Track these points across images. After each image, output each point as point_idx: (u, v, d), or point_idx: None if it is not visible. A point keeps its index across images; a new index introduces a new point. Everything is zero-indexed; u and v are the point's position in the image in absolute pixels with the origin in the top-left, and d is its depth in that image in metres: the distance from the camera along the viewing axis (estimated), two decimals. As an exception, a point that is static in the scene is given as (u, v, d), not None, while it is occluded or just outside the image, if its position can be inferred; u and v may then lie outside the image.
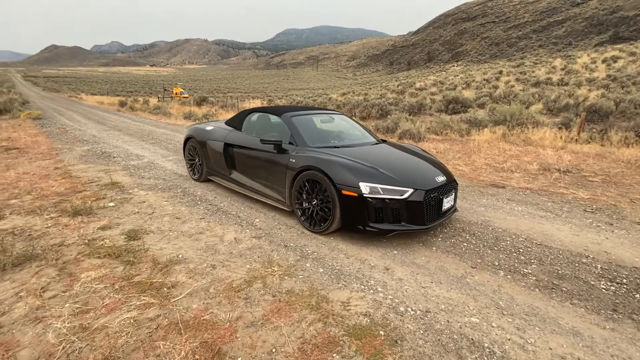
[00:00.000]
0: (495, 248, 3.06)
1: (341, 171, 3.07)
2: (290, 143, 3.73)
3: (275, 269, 2.63)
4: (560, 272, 2.66)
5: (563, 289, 2.44)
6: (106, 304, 2.13)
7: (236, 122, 4.65)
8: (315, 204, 3.27)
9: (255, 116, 4.53)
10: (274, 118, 4.23)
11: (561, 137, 8.61)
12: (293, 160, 3.46)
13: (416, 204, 2.99)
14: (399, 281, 2.51)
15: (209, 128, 4.96)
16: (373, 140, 4.28)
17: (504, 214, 3.94)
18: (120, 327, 1.93)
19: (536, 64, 36.51)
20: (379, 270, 2.67)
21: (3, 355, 1.69)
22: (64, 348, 1.76)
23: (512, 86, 22.40)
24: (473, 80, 28.69)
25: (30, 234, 3.17)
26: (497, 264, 2.79)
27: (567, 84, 21.56)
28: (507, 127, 10.36)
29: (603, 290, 2.41)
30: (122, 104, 24.44)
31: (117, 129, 11.95)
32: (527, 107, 14.18)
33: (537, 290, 2.43)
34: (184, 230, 3.34)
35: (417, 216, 3.02)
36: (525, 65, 36.01)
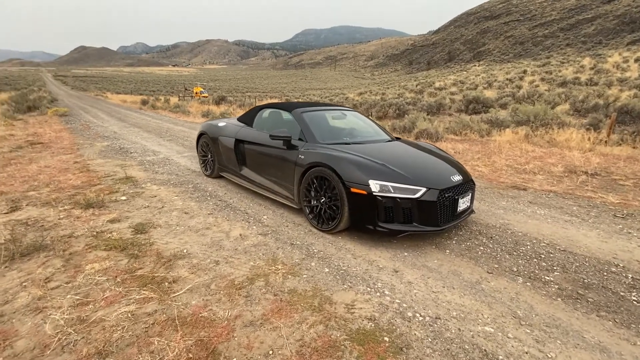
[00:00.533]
0: (514, 253, 2.86)
1: (350, 168, 2.96)
2: (300, 139, 3.65)
3: (279, 267, 2.54)
4: (586, 280, 2.45)
5: (589, 299, 2.23)
6: (106, 297, 2.11)
7: (248, 119, 4.61)
8: (323, 201, 3.17)
9: (266, 112, 4.48)
10: (285, 114, 4.16)
11: (589, 139, 8.14)
12: (302, 157, 3.38)
13: (429, 204, 2.83)
14: (408, 284, 2.37)
15: (221, 124, 4.95)
16: (386, 137, 4.14)
17: (524, 217, 3.71)
18: (117, 320, 1.89)
19: (563, 63, 34.95)
20: (387, 272, 2.54)
21: (0, 344, 1.68)
22: (59, 340, 1.74)
23: (537, 86, 21.51)
24: (495, 80, 27.78)
25: (42, 225, 3.23)
26: (515, 269, 2.60)
27: (596, 84, 20.50)
28: (530, 128, 9.92)
29: (634, 302, 2.19)
30: (144, 103, 25.13)
31: (137, 126, 12.25)
32: (552, 108, 13.56)
33: (559, 299, 2.23)
34: (191, 225, 3.32)
35: (430, 217, 2.87)
36: (552, 65, 34.53)
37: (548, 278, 2.48)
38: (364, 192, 2.82)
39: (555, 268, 2.62)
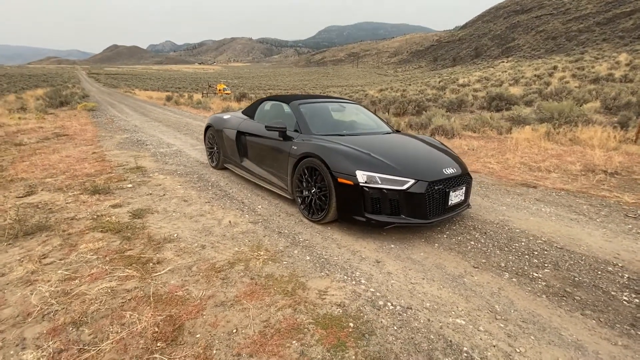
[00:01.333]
0: (506, 249, 2.76)
1: (339, 158, 2.95)
2: (295, 130, 3.67)
3: (262, 253, 2.59)
4: (577, 279, 2.33)
5: (576, 297, 2.12)
6: (92, 273, 2.23)
7: (250, 111, 4.69)
8: (314, 192, 3.18)
9: (268, 105, 4.53)
10: (285, 106, 4.19)
11: (615, 137, 7.66)
12: (295, 147, 3.40)
13: (417, 196, 2.78)
14: (387, 275, 2.35)
15: (226, 117, 5.06)
16: (385, 130, 4.08)
17: (527, 215, 3.56)
18: (97, 295, 2.00)
19: (597, 59, 32.88)
20: (368, 262, 2.52)
21: (-11, 310, 1.83)
22: (41, 310, 1.86)
23: (567, 82, 20.41)
24: (522, 77, 26.58)
25: (50, 208, 3.44)
26: (503, 265, 2.51)
27: (631, 81, 19.16)
28: (552, 125, 9.45)
29: (624, 302, 2.06)
30: (168, 99, 26.00)
31: (158, 120, 12.71)
32: (581, 105, 12.83)
33: (544, 296, 2.14)
34: (187, 212, 3.43)
35: (419, 209, 2.81)
36: (585, 61, 32.57)
37: (536, 275, 2.38)
38: (351, 183, 2.81)
39: (546, 265, 2.51)
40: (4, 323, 1.76)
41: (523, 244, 2.85)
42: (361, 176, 2.79)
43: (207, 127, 5.38)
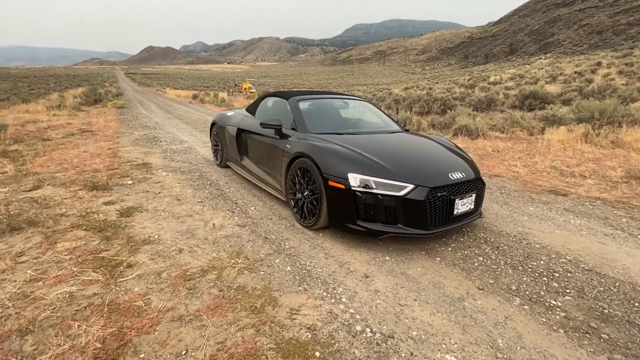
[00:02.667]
0: (520, 268, 2.37)
1: (331, 159, 2.68)
2: (293, 128, 3.44)
3: (240, 261, 2.38)
4: (606, 311, 1.92)
5: (603, 335, 1.73)
6: (58, 275, 2.12)
7: (253, 108, 4.52)
8: (306, 195, 2.94)
9: (270, 101, 4.33)
10: (285, 103, 3.97)
11: (667, 139, 6.79)
12: (289, 146, 3.17)
13: (417, 204, 2.46)
14: (373, 293, 2.06)
15: (229, 114, 4.93)
16: (392, 129, 3.76)
17: (551, 227, 3.12)
18: (53, 300, 1.88)
19: (650, 54, 30.02)
20: (356, 276, 2.24)
21: (-61, 311, 1.74)
22: (-7, 313, 1.76)
23: (612, 79, 18.74)
24: (561, 74, 24.76)
25: (47, 203, 3.44)
26: (514, 288, 2.14)
27: (691, 77, 17.24)
28: (592, 126, 8.58)
29: (666, 347, 1.65)
30: (194, 97, 26.71)
31: (179, 117, 12.97)
32: (627, 104, 11.65)
33: (561, 331, 1.77)
34: (176, 211, 3.30)
35: (418, 218, 2.49)
36: (634, 56, 29.83)
37: (554, 303, 1.99)
38: (343, 187, 2.54)
39: (568, 291, 2.11)
40: (-51, 327, 1.67)
41: (542, 262, 2.45)
42: (353, 179, 2.51)
43: (213, 124, 5.29)
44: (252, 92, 40.87)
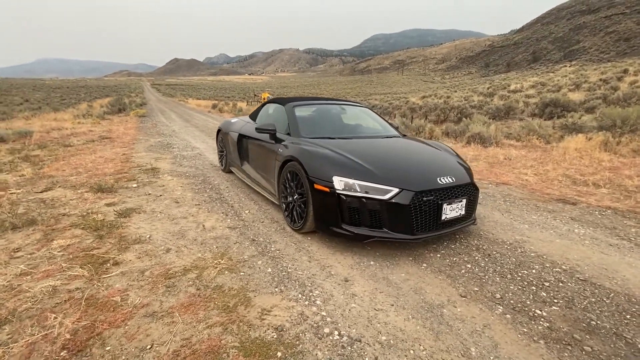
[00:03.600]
0: (509, 276, 2.27)
1: (317, 163, 2.69)
2: (288, 133, 3.48)
3: (223, 261, 2.40)
4: (593, 322, 1.80)
5: (586, 347, 1.62)
6: (47, 270, 2.21)
7: (255, 114, 4.61)
8: (296, 198, 2.95)
9: (271, 108, 4.41)
10: (283, 108, 4.04)
11: (694, 148, 6.39)
12: (281, 150, 3.21)
13: (401, 208, 2.41)
14: (349, 297, 2.03)
15: (233, 120, 5.05)
16: (388, 134, 3.73)
17: (552, 236, 2.98)
18: (36, 293, 1.96)
19: (685, 59, 28.42)
20: (335, 280, 2.21)
21: None
22: (-21, 303, 1.86)
23: (639, 87, 17.89)
24: (585, 81, 23.84)
25: (53, 204, 3.61)
26: (499, 296, 2.05)
27: None
28: (612, 134, 8.19)
29: (653, 363, 1.52)
30: (213, 107, 27.50)
31: (195, 126, 13.37)
32: (654, 111, 11.04)
33: (541, 342, 1.67)
34: (172, 213, 3.38)
35: (403, 223, 2.44)
36: (666, 62, 28.37)
37: (539, 313, 1.89)
38: (327, 190, 2.53)
39: (556, 301, 2.00)
40: (-63, 315, 1.77)
41: (534, 271, 2.34)
42: (338, 182, 2.51)
43: (218, 131, 5.42)
44: (269, 102, 41.59)
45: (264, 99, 50.85)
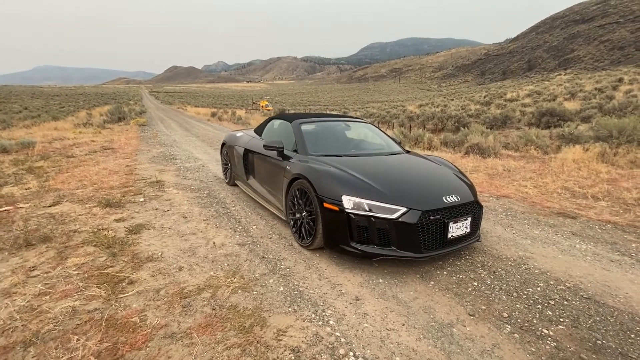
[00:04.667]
0: (515, 294, 2.34)
1: (326, 181, 2.77)
2: (294, 150, 3.57)
3: (235, 280, 2.46)
4: (599, 342, 1.87)
5: (592, 368, 1.69)
6: (65, 290, 2.26)
7: (260, 129, 4.70)
8: (304, 215, 3.02)
9: (276, 123, 4.50)
10: (289, 125, 4.13)
11: (689, 160, 6.53)
12: (289, 168, 3.28)
13: (409, 227, 2.49)
14: (361, 316, 2.08)
15: (238, 134, 5.13)
16: (392, 150, 3.82)
17: (555, 252, 3.05)
18: (57, 314, 2.00)
19: (677, 69, 28.99)
20: (346, 299, 2.27)
21: (-45, 322, 1.90)
22: (4, 324, 1.90)
23: (634, 96, 18.20)
24: (580, 90, 24.23)
25: (63, 219, 3.65)
26: (506, 315, 2.11)
27: None
28: (609, 145, 8.34)
29: (657, 384, 1.59)
30: (212, 115, 27.63)
31: (196, 135, 13.45)
32: (649, 122, 11.24)
33: (549, 362, 1.73)
34: (181, 229, 3.43)
35: (411, 241, 2.51)
36: (660, 71, 28.91)
37: (546, 332, 1.96)
38: (336, 208, 2.61)
39: (562, 320, 2.06)
40: (-38, 337, 1.81)
41: (539, 289, 2.41)
42: (347, 201, 2.58)
43: (223, 144, 5.50)
44: (269, 110, 41.89)
45: (262, 107, 51.20)
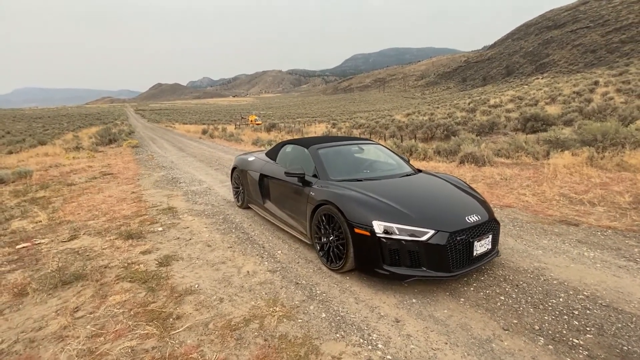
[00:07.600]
0: (541, 306, 2.52)
1: (355, 207, 2.93)
2: (314, 175, 3.72)
3: (277, 309, 2.57)
4: (625, 348, 2.06)
5: (625, 374, 1.87)
6: (116, 330, 2.32)
7: (273, 154, 4.85)
8: (332, 239, 3.16)
9: (289, 148, 4.66)
10: (304, 150, 4.29)
11: (671, 162, 6.96)
12: (313, 194, 3.43)
13: (438, 248, 2.66)
14: (406, 338, 2.22)
15: (250, 159, 5.26)
16: (406, 171, 4.02)
17: (567, 261, 3.27)
18: (118, 355, 2.07)
19: (646, 70, 30.68)
20: (387, 321, 2.41)
21: (21, 370, 1.95)
22: (67, 371, 1.96)
23: (611, 98, 19.17)
24: (560, 94, 25.33)
25: (88, 255, 3.69)
26: (538, 327, 2.29)
27: (690, 93, 17.57)
28: (595, 149, 8.80)
29: (686, 385, 1.78)
30: (203, 132, 27.58)
31: (192, 155, 13.46)
32: (628, 124, 11.90)
33: (586, 371, 1.91)
34: (209, 259, 3.52)
35: (441, 262, 2.68)
36: (630, 74, 30.52)
37: (577, 341, 2.14)
38: (368, 234, 2.76)
39: (589, 329, 2.25)
40: (32, 386, 1.86)
41: (561, 300, 2.60)
42: (378, 227, 2.74)
43: (234, 169, 5.62)
44: (258, 124, 42.02)
45: (251, 122, 51.32)
